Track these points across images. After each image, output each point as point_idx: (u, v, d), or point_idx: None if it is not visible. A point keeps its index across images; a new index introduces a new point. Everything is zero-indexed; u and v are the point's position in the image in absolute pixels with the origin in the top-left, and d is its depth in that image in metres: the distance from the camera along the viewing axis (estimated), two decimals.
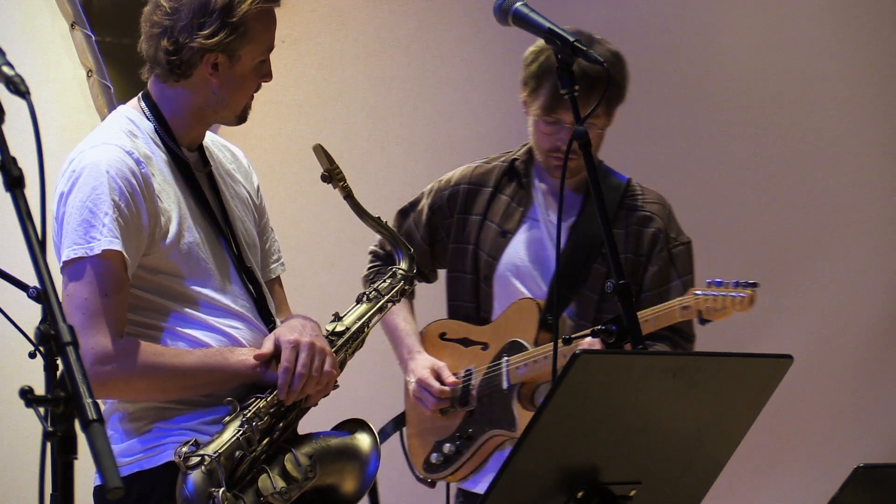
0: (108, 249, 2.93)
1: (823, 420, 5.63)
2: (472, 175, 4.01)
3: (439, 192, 4.03)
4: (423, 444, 3.97)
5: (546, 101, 3.76)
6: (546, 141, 3.83)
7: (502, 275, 3.91)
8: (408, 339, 4.02)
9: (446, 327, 4.03)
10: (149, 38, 3.09)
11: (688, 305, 3.71)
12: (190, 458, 2.90)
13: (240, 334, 3.11)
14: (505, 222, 3.93)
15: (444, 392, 3.89)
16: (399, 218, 4.11)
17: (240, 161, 3.35)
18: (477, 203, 3.97)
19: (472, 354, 3.94)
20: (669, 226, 3.96)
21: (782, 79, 5.66)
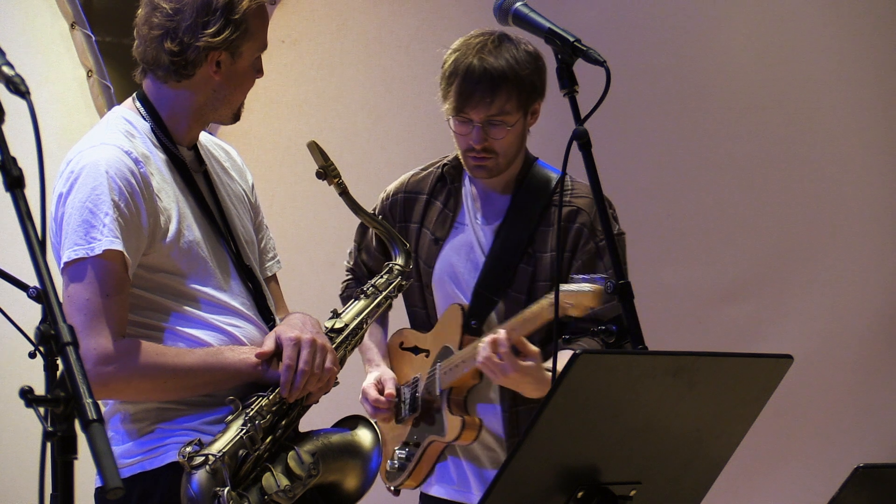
0: (108, 250, 2.93)
1: (823, 420, 5.62)
2: (409, 183, 4.02)
3: (382, 204, 4.04)
4: (385, 452, 4.00)
5: (454, 101, 3.76)
6: (461, 141, 3.84)
7: (438, 281, 3.92)
8: (369, 353, 4.05)
9: (404, 336, 4.05)
10: (149, 41, 3.09)
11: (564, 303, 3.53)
12: (194, 457, 2.91)
13: (240, 332, 3.11)
14: (437, 229, 3.93)
15: (378, 402, 3.91)
16: (359, 231, 4.12)
17: (234, 159, 3.36)
18: (414, 211, 3.98)
19: (420, 362, 3.97)
20: (593, 220, 3.86)
21: (782, 79, 5.66)
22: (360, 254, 4.09)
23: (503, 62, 3.74)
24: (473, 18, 5.63)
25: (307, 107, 5.76)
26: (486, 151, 3.79)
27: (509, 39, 3.80)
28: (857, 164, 5.64)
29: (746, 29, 5.68)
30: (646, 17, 5.68)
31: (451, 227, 3.92)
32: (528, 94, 3.78)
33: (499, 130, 3.78)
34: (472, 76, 3.73)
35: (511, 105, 3.74)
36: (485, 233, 3.89)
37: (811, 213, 5.66)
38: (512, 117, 3.77)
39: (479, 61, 3.74)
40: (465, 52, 3.79)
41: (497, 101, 3.73)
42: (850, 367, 5.60)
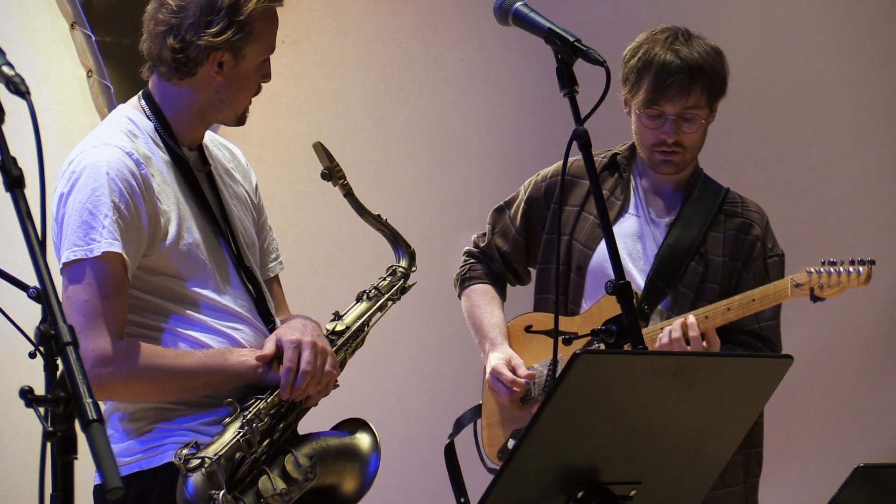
0: (108, 251, 2.93)
1: (824, 420, 5.62)
2: (572, 167, 4.03)
3: (537, 185, 4.06)
4: (501, 433, 3.97)
5: (647, 94, 3.81)
6: (650, 135, 3.87)
7: (596, 266, 3.93)
8: (490, 333, 4.02)
9: (533, 320, 4.03)
10: (153, 37, 3.09)
11: (800, 283, 3.74)
12: (190, 460, 2.90)
13: (240, 335, 3.10)
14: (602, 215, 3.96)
15: (516, 382, 3.89)
16: (495, 215, 4.13)
17: (238, 160, 3.35)
18: (574, 194, 4.00)
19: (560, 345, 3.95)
20: (767, 236, 4.02)
21: (782, 79, 5.65)
22: (494, 238, 4.10)
23: (697, 56, 3.82)
24: (473, 18, 5.64)
25: (307, 107, 5.76)
26: (676, 145, 3.84)
27: (695, 35, 3.88)
28: (857, 163, 5.64)
29: (746, 29, 5.68)
30: (646, 17, 5.67)
31: (619, 214, 3.95)
32: (718, 89, 3.87)
33: (692, 125, 3.85)
34: (668, 68, 3.78)
35: (704, 99, 3.83)
36: (657, 225, 3.93)
37: (811, 212, 5.65)
38: (703, 111, 3.85)
39: (674, 54, 3.80)
40: (654, 45, 3.83)
41: (693, 94, 3.80)
42: (850, 367, 5.60)
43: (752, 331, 3.93)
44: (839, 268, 3.76)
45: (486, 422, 4.03)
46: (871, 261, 3.74)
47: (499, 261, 4.11)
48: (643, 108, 3.83)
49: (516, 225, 4.06)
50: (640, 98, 3.82)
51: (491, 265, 4.13)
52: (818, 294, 3.74)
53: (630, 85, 3.86)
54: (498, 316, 4.06)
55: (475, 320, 4.08)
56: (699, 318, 3.76)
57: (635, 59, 3.84)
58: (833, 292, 3.74)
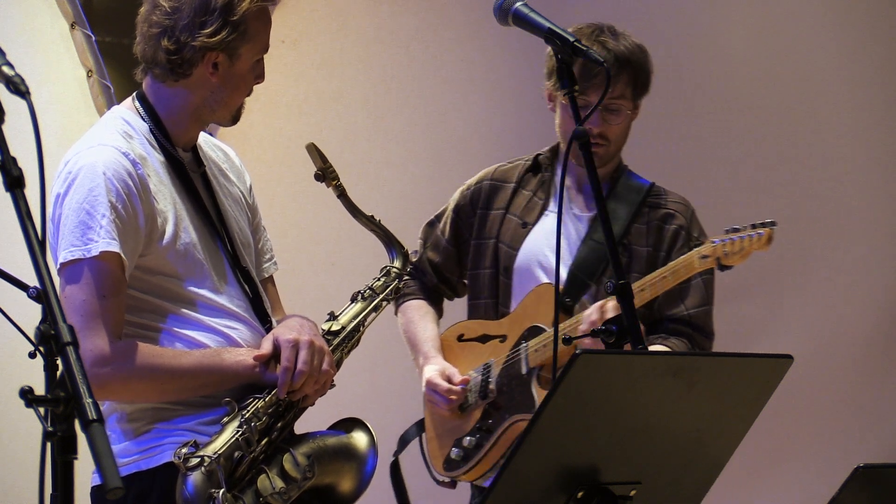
0: (105, 251, 2.92)
1: (823, 420, 5.62)
2: (496, 173, 4.07)
3: (463, 194, 4.08)
4: (442, 444, 3.98)
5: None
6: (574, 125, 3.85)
7: (522, 265, 3.94)
8: (423, 347, 4.05)
9: (464, 328, 4.04)
10: (147, 39, 3.09)
11: (706, 255, 3.72)
12: (189, 459, 2.90)
13: (237, 334, 3.11)
14: (526, 215, 3.97)
15: (451, 391, 3.90)
16: (426, 229, 4.16)
17: (232, 160, 3.35)
18: (499, 198, 4.02)
19: (491, 348, 3.95)
20: (692, 225, 4.02)
21: (782, 79, 5.65)
22: (426, 252, 4.12)
23: (624, 48, 3.85)
24: (473, 18, 5.64)
25: (307, 107, 5.76)
26: (600, 137, 3.84)
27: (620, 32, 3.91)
28: (857, 163, 5.64)
29: (746, 29, 5.68)
30: (646, 17, 5.67)
31: (541, 213, 3.96)
32: (642, 84, 3.90)
33: (617, 116, 3.86)
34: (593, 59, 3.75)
35: (629, 91, 3.85)
36: (580, 220, 3.94)
37: (811, 212, 5.65)
38: (628, 103, 3.87)
39: (601, 45, 3.82)
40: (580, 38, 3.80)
41: (619, 85, 3.82)
42: (850, 367, 5.60)
43: (680, 318, 3.92)
44: (741, 233, 3.72)
45: (428, 435, 4.05)
46: (772, 222, 3.71)
47: (431, 274, 4.13)
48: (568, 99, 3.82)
49: (446, 235, 4.08)
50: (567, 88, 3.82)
51: (424, 279, 4.15)
52: (724, 262, 3.72)
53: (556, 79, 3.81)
54: (431, 330, 4.09)
55: (409, 336, 4.11)
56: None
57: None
58: (737, 259, 3.71)
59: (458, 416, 3.94)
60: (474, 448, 3.88)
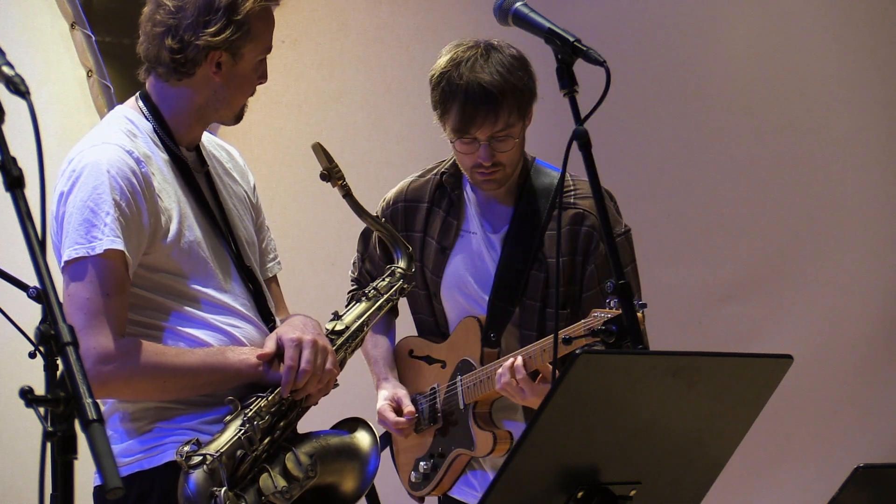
0: (109, 249, 2.93)
1: (823, 420, 5.62)
2: (408, 192, 3.97)
3: (383, 213, 3.98)
4: (406, 461, 4.00)
5: (456, 124, 3.72)
6: (466, 159, 3.79)
7: (447, 291, 3.89)
8: (375, 367, 4.02)
9: (414, 344, 4.02)
10: (151, 38, 3.09)
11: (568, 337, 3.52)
12: (192, 457, 2.91)
13: (240, 333, 3.11)
14: (443, 238, 3.89)
15: (398, 423, 3.88)
16: (361, 241, 4.07)
17: (236, 160, 3.36)
18: (416, 220, 3.93)
19: (435, 372, 3.95)
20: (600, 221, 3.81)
21: (782, 79, 5.65)
22: (364, 263, 4.05)
23: (499, 77, 3.69)
24: (473, 18, 5.64)
25: (307, 107, 5.76)
26: (494, 165, 3.77)
27: (495, 48, 3.75)
28: (857, 163, 5.64)
29: (746, 29, 5.68)
30: (646, 17, 5.68)
31: (456, 235, 3.89)
32: (526, 101, 3.75)
33: (505, 144, 3.75)
34: (472, 97, 3.68)
35: (514, 117, 3.72)
36: (492, 241, 3.87)
37: (811, 212, 5.65)
38: (516, 129, 3.75)
39: (475, 80, 3.69)
40: (457, 70, 3.72)
41: (501, 118, 3.70)
42: (850, 367, 5.60)
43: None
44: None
45: (395, 448, 4.06)
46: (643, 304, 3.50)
47: None
48: (454, 137, 3.75)
49: (378, 252, 4.00)
50: (450, 127, 3.74)
51: None
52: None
53: (441, 111, 3.76)
54: (382, 345, 4.04)
55: (364, 351, 4.04)
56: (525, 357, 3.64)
57: (440, 85, 3.75)
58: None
59: (414, 436, 3.95)
60: (432, 471, 3.91)
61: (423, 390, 3.97)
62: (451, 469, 3.87)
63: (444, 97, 3.74)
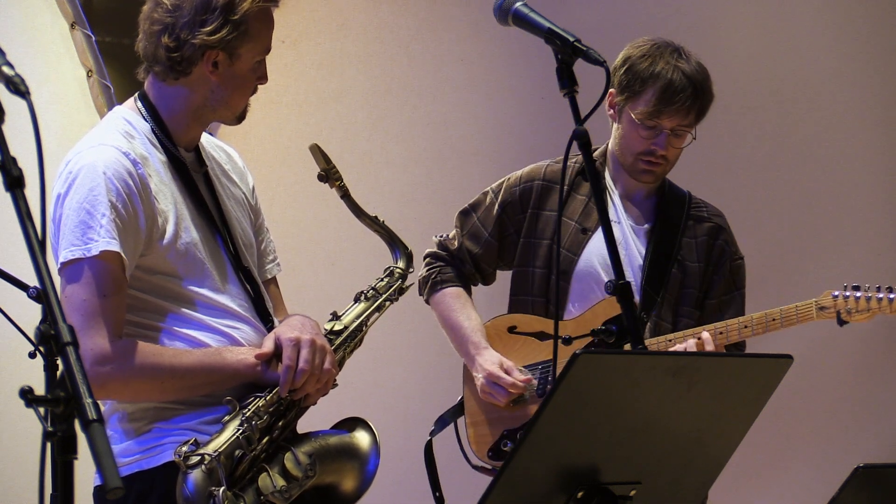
0: (105, 250, 2.93)
1: (823, 420, 5.62)
2: (546, 173, 4.07)
3: (510, 189, 4.07)
4: (491, 432, 3.99)
5: (651, 107, 3.86)
6: (640, 144, 3.92)
7: (582, 271, 3.96)
8: (473, 336, 4.03)
9: (516, 321, 4.04)
10: (149, 36, 3.09)
11: (825, 306, 3.86)
12: (190, 457, 2.90)
13: (238, 334, 3.11)
14: (584, 220, 3.99)
15: (516, 385, 3.91)
16: (462, 218, 4.15)
17: (235, 161, 3.35)
18: (551, 199, 4.02)
19: (550, 348, 3.95)
20: (731, 239, 4.13)
21: (782, 78, 5.65)
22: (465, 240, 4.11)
23: (699, 75, 3.89)
24: (473, 18, 5.64)
25: (307, 107, 5.76)
26: (661, 157, 3.91)
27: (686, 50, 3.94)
28: (857, 163, 5.64)
29: (746, 29, 5.68)
30: (646, 18, 5.68)
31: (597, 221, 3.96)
32: (709, 106, 3.94)
33: (682, 139, 3.94)
34: (675, 85, 3.84)
35: (697, 118, 3.91)
36: (637, 233, 3.99)
37: (811, 212, 5.65)
38: (693, 129, 3.92)
39: (680, 72, 3.86)
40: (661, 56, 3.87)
41: (692, 113, 3.88)
42: (850, 367, 5.60)
43: None
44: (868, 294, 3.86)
45: (470, 420, 4.05)
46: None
47: (470, 263, 4.13)
48: (643, 118, 3.87)
49: (489, 228, 4.07)
50: (641, 109, 3.87)
51: (462, 268, 4.14)
52: (845, 318, 3.85)
53: (630, 93, 3.89)
54: (476, 319, 4.09)
55: (452, 324, 4.10)
56: (713, 333, 3.84)
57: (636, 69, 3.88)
58: (862, 317, 3.86)
59: (510, 408, 3.95)
60: None
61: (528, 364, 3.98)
62: None
63: (642, 78, 3.87)
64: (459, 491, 4.16)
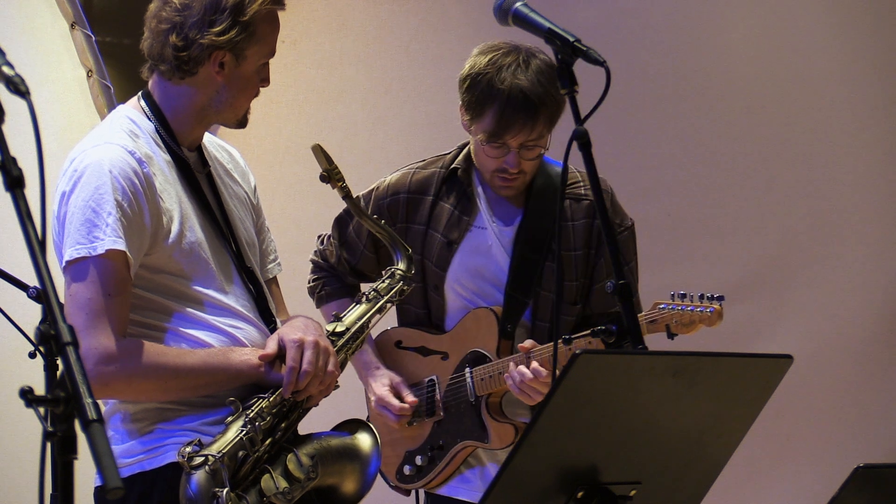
0: (111, 249, 2.92)
1: (823, 420, 5.62)
2: (412, 183, 3.96)
3: (378, 201, 3.96)
4: (394, 453, 3.96)
5: (491, 128, 3.74)
6: (491, 163, 3.81)
7: (453, 283, 3.89)
8: (364, 356, 3.97)
9: (402, 335, 4.00)
10: (156, 35, 3.09)
11: (654, 319, 3.64)
12: (194, 458, 2.90)
13: (242, 334, 3.11)
14: (450, 232, 3.89)
15: (403, 409, 3.87)
16: (337, 227, 4.05)
17: (237, 161, 3.35)
18: (419, 212, 3.93)
19: (433, 364, 3.93)
20: (614, 212, 3.92)
21: (783, 79, 5.65)
22: (343, 251, 4.02)
23: (539, 87, 3.72)
24: (473, 18, 5.64)
25: (307, 107, 5.76)
26: (517, 172, 3.80)
27: (533, 54, 3.77)
28: (857, 164, 5.64)
29: (746, 29, 5.68)
30: (646, 17, 5.68)
31: (466, 229, 3.89)
32: (558, 113, 3.79)
33: (533, 152, 3.79)
34: (512, 104, 3.70)
35: (546, 128, 3.76)
36: (505, 234, 3.88)
37: (811, 212, 5.65)
38: (545, 139, 3.79)
39: (518, 87, 3.71)
40: (498, 74, 3.73)
41: (537, 128, 3.74)
42: (850, 367, 5.60)
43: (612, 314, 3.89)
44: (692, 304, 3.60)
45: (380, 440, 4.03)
46: (721, 297, 3.58)
47: (350, 273, 4.04)
48: (486, 141, 3.76)
49: (363, 240, 3.98)
50: (483, 130, 3.75)
51: (344, 279, 4.05)
52: (673, 331, 3.61)
53: (472, 114, 3.78)
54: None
55: None
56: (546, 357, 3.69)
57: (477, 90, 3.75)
58: (686, 331, 3.62)
59: (405, 428, 3.93)
60: (427, 465, 3.90)
61: (414, 381, 3.95)
62: (454, 460, 3.86)
63: (481, 99, 3.75)
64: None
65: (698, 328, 3.62)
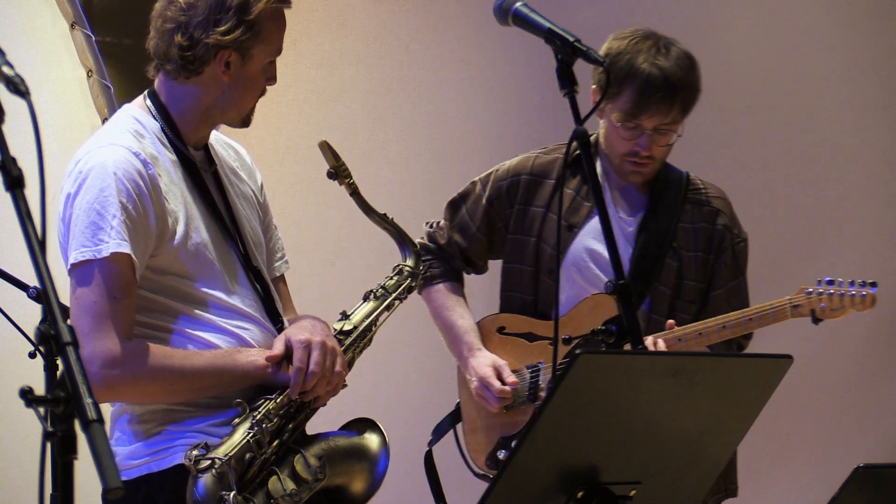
0: (116, 252, 2.91)
1: (823, 420, 5.62)
2: (534, 166, 3.98)
3: (497, 183, 4.00)
4: (486, 438, 3.93)
5: (628, 107, 3.77)
6: (623, 145, 3.83)
7: (571, 267, 3.89)
8: (466, 337, 3.98)
9: (505, 321, 3.99)
10: (161, 34, 3.08)
11: (798, 304, 3.74)
12: (200, 461, 2.89)
13: (248, 335, 3.09)
14: (571, 216, 3.91)
15: (504, 392, 3.86)
16: (450, 210, 4.07)
17: (243, 159, 3.34)
18: (539, 194, 3.95)
19: (539, 349, 3.90)
20: (733, 222, 4.00)
21: (783, 79, 5.65)
22: (454, 232, 4.04)
23: (679, 71, 3.78)
24: (473, 18, 5.64)
25: (307, 106, 5.76)
26: (647, 157, 3.82)
27: (671, 42, 3.83)
28: (857, 163, 5.64)
29: (746, 29, 5.68)
30: (646, 18, 5.67)
31: (587, 214, 3.90)
32: (694, 100, 3.84)
33: (667, 137, 3.82)
34: (652, 84, 3.74)
35: (681, 114, 3.80)
36: (627, 223, 3.90)
37: (812, 212, 5.65)
38: (678, 126, 3.82)
39: (658, 68, 3.75)
40: (636, 55, 3.77)
41: (673, 111, 3.77)
42: (850, 367, 5.60)
43: None
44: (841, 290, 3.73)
45: (468, 426, 4.00)
46: (874, 283, 3.69)
47: (458, 257, 4.06)
48: (622, 120, 3.79)
49: (476, 223, 4.00)
50: (619, 110, 3.78)
51: (451, 262, 4.08)
52: (820, 316, 3.74)
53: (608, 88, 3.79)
54: (469, 318, 4.03)
55: (445, 321, 4.04)
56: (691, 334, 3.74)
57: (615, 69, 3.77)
58: (836, 315, 3.75)
59: (502, 413, 3.91)
60: None
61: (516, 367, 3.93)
62: None
63: (619, 78, 3.77)
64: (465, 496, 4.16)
65: (848, 313, 3.73)
